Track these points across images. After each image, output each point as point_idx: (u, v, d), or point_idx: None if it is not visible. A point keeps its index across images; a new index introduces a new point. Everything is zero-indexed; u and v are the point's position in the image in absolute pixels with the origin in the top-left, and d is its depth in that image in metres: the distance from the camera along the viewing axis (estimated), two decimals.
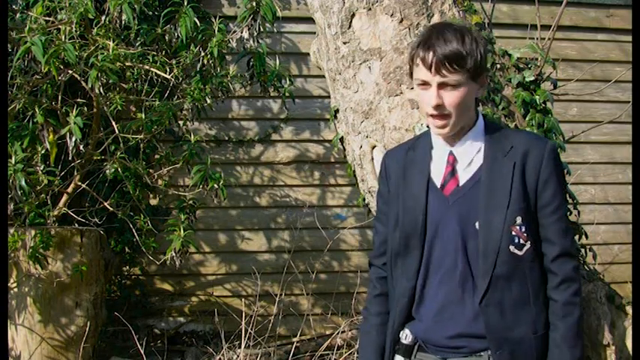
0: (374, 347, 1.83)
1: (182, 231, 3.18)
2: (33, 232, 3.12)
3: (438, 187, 1.73)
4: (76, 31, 3.08)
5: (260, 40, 3.46)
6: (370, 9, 2.27)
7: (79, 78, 3.26)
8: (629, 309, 2.01)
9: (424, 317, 1.73)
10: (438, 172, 1.75)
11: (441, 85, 1.65)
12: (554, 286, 1.68)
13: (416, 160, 1.79)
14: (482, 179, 1.69)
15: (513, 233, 1.65)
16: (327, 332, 4.02)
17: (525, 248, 1.66)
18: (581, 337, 1.66)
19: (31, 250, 3.07)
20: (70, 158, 3.22)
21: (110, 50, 3.06)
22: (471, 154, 1.73)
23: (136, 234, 3.57)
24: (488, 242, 1.65)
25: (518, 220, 1.66)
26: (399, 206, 1.78)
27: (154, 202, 4.43)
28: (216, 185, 3.27)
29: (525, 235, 1.66)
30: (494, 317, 1.65)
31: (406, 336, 1.77)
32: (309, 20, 2.95)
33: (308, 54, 2.82)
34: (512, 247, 1.65)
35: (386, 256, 1.83)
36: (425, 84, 1.67)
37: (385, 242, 1.84)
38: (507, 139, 1.72)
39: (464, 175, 1.72)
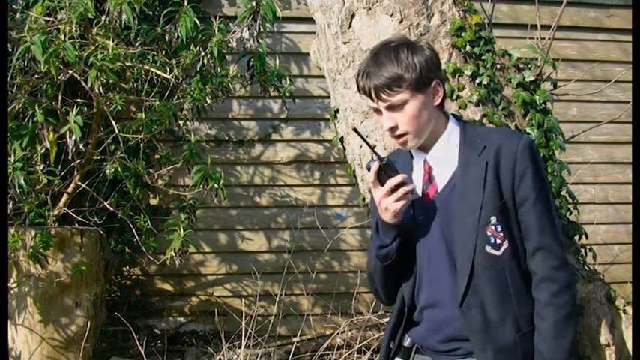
0: None
1: (182, 231, 3.18)
2: (33, 232, 3.12)
3: (420, 196, 1.73)
4: (75, 31, 3.08)
5: (260, 40, 3.46)
6: (370, 9, 2.27)
7: (78, 78, 3.26)
8: (629, 309, 2.01)
9: (419, 322, 1.75)
10: (419, 182, 1.75)
11: (390, 108, 1.66)
12: (534, 285, 1.65)
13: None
14: (457, 182, 1.68)
15: (488, 233, 1.63)
16: (327, 332, 4.01)
17: (503, 248, 1.63)
18: (563, 338, 1.61)
19: (31, 250, 3.07)
20: (70, 158, 3.22)
21: (110, 50, 3.06)
22: (444, 160, 1.72)
23: (136, 234, 3.57)
24: (464, 244, 1.64)
25: (493, 219, 1.63)
26: None
27: (154, 202, 4.43)
28: (216, 185, 3.26)
29: (502, 234, 1.63)
30: (476, 318, 1.63)
31: (406, 337, 1.78)
32: (309, 20, 2.95)
33: (308, 54, 2.82)
34: (488, 248, 1.63)
35: None
36: (376, 110, 1.70)
37: None
38: (482, 139, 1.70)
39: (441, 181, 1.72)
